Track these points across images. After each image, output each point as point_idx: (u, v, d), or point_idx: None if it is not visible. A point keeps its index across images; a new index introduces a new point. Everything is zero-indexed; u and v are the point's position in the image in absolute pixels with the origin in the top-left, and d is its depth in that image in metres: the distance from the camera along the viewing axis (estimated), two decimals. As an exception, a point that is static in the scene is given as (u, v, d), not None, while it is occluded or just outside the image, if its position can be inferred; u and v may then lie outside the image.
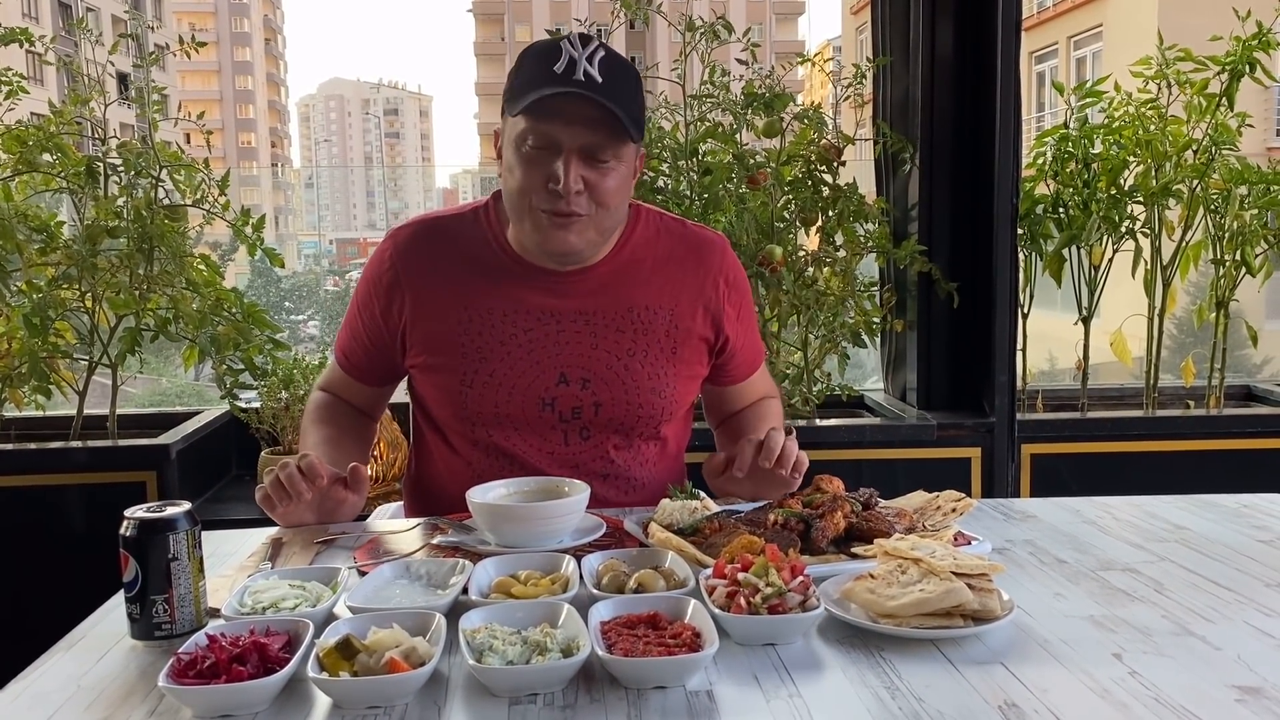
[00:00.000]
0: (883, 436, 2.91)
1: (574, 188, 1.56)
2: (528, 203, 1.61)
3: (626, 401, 1.71)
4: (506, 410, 1.70)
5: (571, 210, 1.58)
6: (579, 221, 1.60)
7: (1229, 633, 1.18)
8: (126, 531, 1.19)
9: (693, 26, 2.95)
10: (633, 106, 1.59)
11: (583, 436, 1.72)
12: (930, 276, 2.98)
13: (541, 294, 1.71)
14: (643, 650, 1.06)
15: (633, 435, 1.75)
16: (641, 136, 1.64)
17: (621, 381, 1.71)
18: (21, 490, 2.71)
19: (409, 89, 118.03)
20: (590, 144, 1.57)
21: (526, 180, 1.59)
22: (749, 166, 2.95)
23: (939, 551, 1.23)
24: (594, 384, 1.70)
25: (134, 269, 2.81)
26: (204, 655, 1.04)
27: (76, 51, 3.03)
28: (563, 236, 1.61)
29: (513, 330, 1.70)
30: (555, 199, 1.57)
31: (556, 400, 1.70)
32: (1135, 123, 3.13)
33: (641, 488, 1.77)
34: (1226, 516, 1.64)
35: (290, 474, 1.53)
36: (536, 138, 1.57)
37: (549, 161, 1.57)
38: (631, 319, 1.73)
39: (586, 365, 1.70)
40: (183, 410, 3.19)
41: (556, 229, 1.60)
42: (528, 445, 1.72)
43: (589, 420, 1.71)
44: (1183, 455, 2.97)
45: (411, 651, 1.05)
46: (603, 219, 1.63)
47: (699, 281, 1.77)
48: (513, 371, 1.69)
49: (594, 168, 1.58)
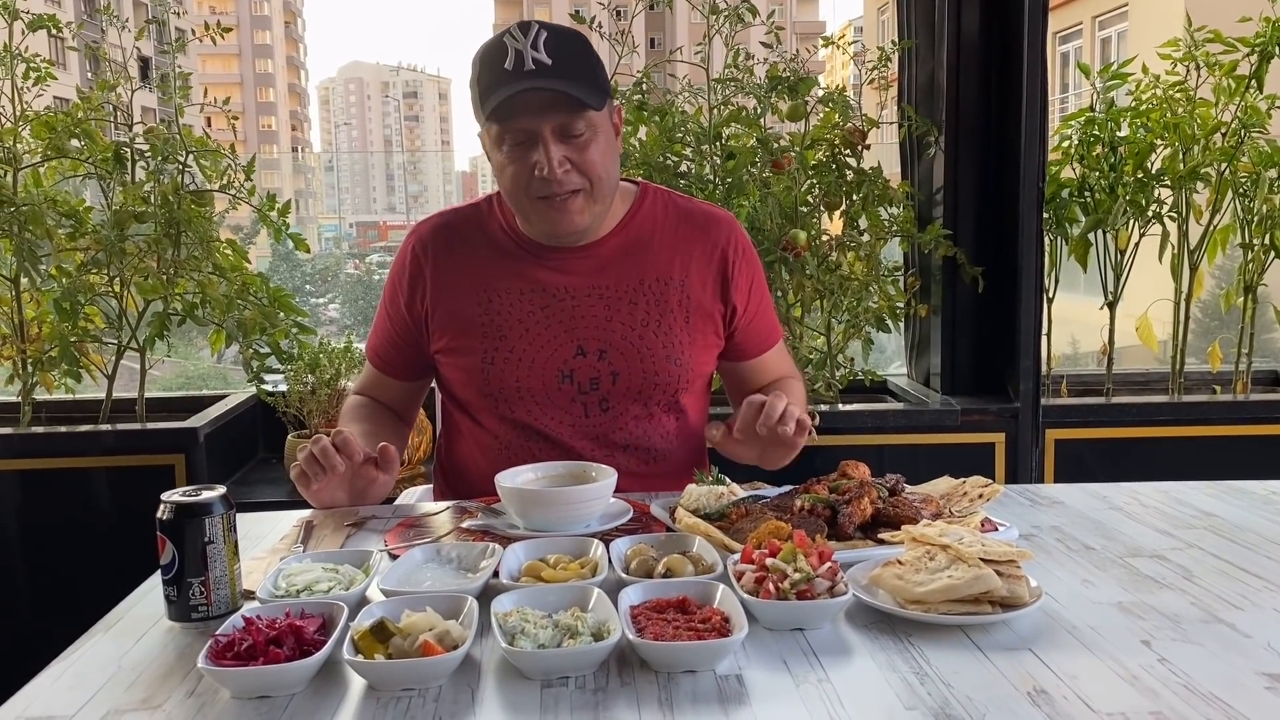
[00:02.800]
0: (906, 422, 2.90)
1: (559, 169, 1.63)
2: (525, 197, 1.68)
3: (643, 371, 1.77)
4: (527, 384, 1.75)
5: (565, 190, 1.65)
6: (575, 199, 1.67)
7: (1258, 620, 1.18)
8: (163, 515, 1.21)
9: (716, 10, 2.93)
10: (589, 76, 1.66)
11: (602, 408, 1.78)
12: (955, 261, 2.97)
13: (554, 272, 1.78)
14: (673, 635, 1.07)
15: (651, 404, 1.80)
16: (606, 99, 1.69)
17: (637, 351, 1.76)
18: (52, 473, 2.75)
19: (428, 72, 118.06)
20: (560, 124, 1.63)
21: (516, 175, 1.67)
22: (773, 151, 2.94)
23: (967, 538, 1.23)
24: (610, 354, 1.76)
25: (161, 254, 2.83)
26: (241, 637, 1.06)
27: (102, 38, 3.05)
28: (566, 219, 1.68)
29: (530, 308, 1.76)
30: (546, 184, 1.64)
31: (575, 372, 1.76)
32: (1163, 105, 3.10)
33: (663, 458, 1.83)
34: (1255, 503, 1.63)
35: (324, 448, 1.55)
36: (512, 135, 1.65)
37: (530, 152, 1.64)
38: (644, 290, 1.78)
39: (603, 337, 1.76)
40: (210, 394, 3.22)
41: (557, 212, 1.68)
42: (550, 418, 1.77)
43: (607, 391, 1.77)
44: (1209, 440, 2.95)
45: (445, 635, 1.06)
46: (598, 189, 1.69)
47: (707, 253, 1.83)
48: (531, 346, 1.75)
49: (571, 144, 1.64)
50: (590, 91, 1.63)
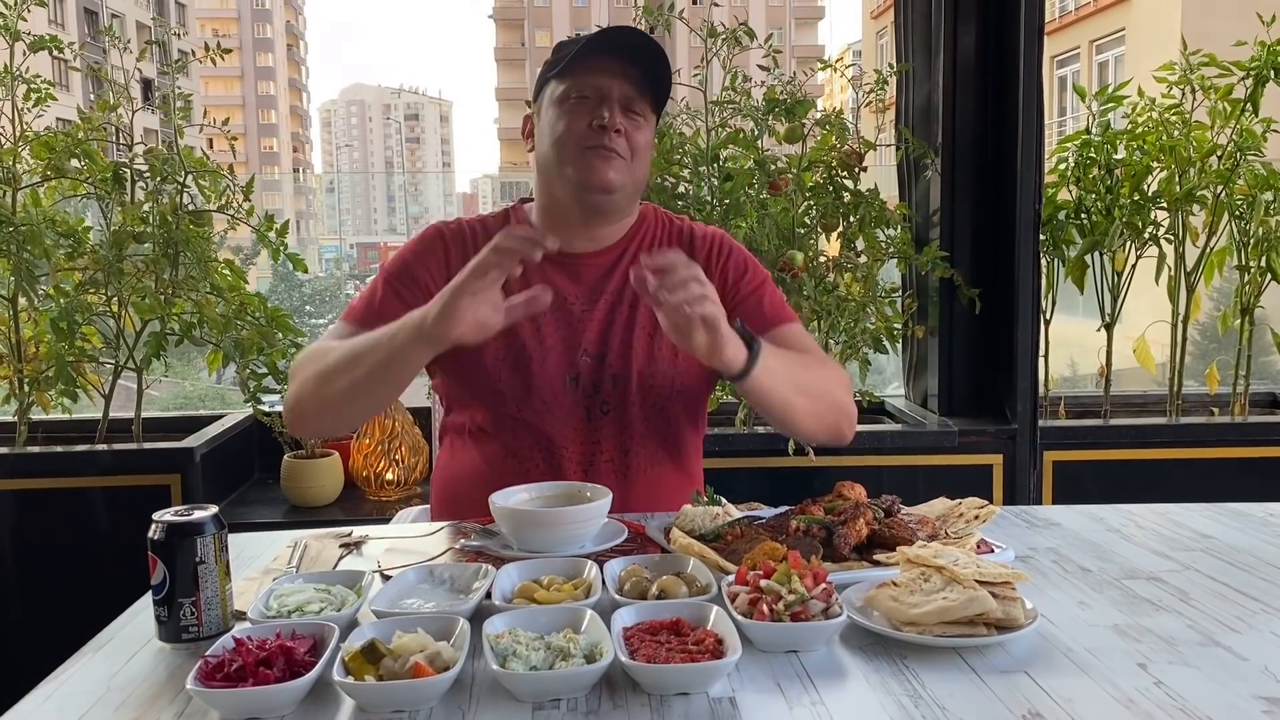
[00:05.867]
0: (904, 443, 2.90)
1: (617, 125, 1.70)
2: (573, 145, 1.72)
3: (640, 374, 1.79)
4: (535, 384, 1.77)
5: (614, 146, 1.71)
6: (618, 161, 1.73)
7: (1255, 643, 1.17)
8: (154, 535, 1.20)
9: (714, 33, 2.95)
10: (661, 79, 1.76)
11: (603, 412, 1.79)
12: (952, 282, 2.97)
13: (562, 277, 1.81)
14: (666, 657, 1.06)
15: (651, 410, 1.81)
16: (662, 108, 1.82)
17: (637, 355, 1.79)
18: (48, 492, 2.74)
19: (430, 94, 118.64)
20: (629, 95, 1.73)
21: (572, 125, 1.72)
22: (770, 172, 2.95)
23: (962, 559, 1.22)
24: (610, 358, 1.79)
25: (159, 274, 2.84)
26: (231, 658, 1.05)
27: (105, 59, 3.06)
28: (603, 169, 1.73)
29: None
30: (600, 134, 1.70)
31: (580, 376, 1.79)
32: (1159, 128, 3.11)
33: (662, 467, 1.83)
34: (1253, 525, 1.63)
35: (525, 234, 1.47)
36: (580, 89, 1.72)
37: (593, 109, 1.71)
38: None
39: (604, 341, 1.80)
40: (206, 414, 3.21)
41: (599, 160, 1.72)
42: (555, 421, 1.78)
43: (608, 394, 1.79)
44: (1207, 463, 2.95)
45: (436, 656, 1.05)
46: (635, 168, 1.76)
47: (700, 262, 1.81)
48: (541, 348, 1.78)
49: (630, 119, 1.73)
50: (659, 87, 1.75)
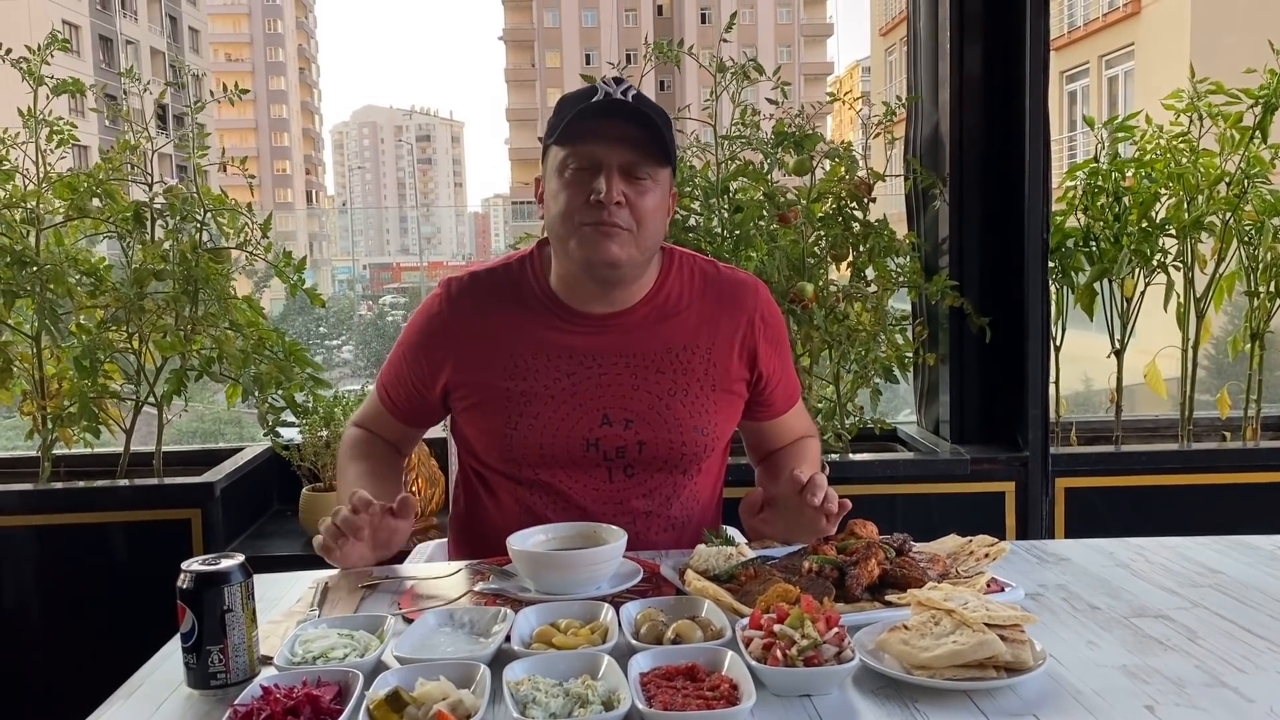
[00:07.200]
0: (916, 471, 2.92)
1: (615, 198, 1.65)
2: (573, 221, 1.68)
3: (669, 440, 1.76)
4: (551, 451, 1.75)
5: (614, 221, 1.66)
6: (621, 234, 1.68)
7: (1262, 684, 1.19)
8: (183, 584, 1.24)
9: (723, 68, 2.99)
10: (663, 135, 1.69)
11: (627, 474, 1.77)
12: (962, 310, 2.99)
13: (583, 337, 1.77)
14: (682, 704, 1.09)
15: (675, 472, 1.80)
16: (674, 164, 1.75)
17: (664, 421, 1.76)
18: (70, 528, 2.78)
19: (441, 115, 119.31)
20: (629, 161, 1.67)
21: (570, 200, 1.68)
22: (780, 204, 2.98)
23: (972, 602, 1.25)
24: (636, 424, 1.75)
25: (179, 311, 2.89)
26: (260, 707, 1.09)
27: (124, 97, 3.12)
28: (606, 246, 1.67)
29: (556, 374, 1.76)
30: (598, 210, 1.65)
31: (600, 441, 1.75)
32: (1167, 155, 3.14)
33: (685, 524, 1.83)
34: (1262, 560, 1.64)
35: (345, 518, 1.59)
36: (578, 159, 1.68)
37: (591, 180, 1.66)
38: (671, 359, 1.78)
39: (628, 406, 1.75)
40: (225, 447, 3.25)
41: (600, 238, 1.67)
42: (573, 482, 1.77)
43: (633, 459, 1.76)
44: (1220, 489, 2.95)
45: (458, 704, 1.08)
46: (642, 237, 1.70)
47: (735, 320, 1.83)
48: (557, 414, 1.74)
49: (633, 184, 1.68)
50: (661, 147, 1.69)
